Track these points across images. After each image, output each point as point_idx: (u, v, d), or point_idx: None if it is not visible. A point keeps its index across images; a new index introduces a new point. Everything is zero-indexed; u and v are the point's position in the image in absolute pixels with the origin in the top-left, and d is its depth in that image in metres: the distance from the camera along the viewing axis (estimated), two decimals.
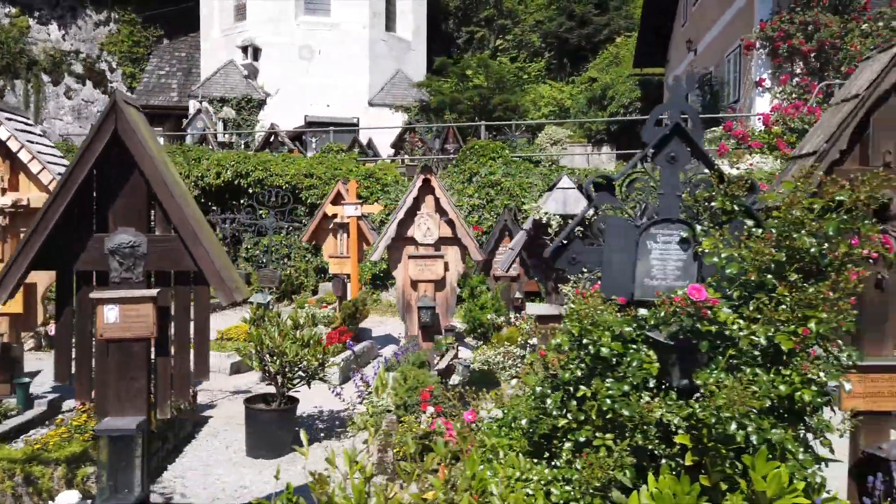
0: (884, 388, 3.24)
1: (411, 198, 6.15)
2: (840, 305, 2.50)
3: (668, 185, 3.01)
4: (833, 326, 2.49)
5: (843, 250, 2.62)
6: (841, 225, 2.55)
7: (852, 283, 2.54)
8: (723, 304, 2.57)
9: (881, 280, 3.29)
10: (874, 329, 3.31)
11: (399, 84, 28.89)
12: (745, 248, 2.61)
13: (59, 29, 33.65)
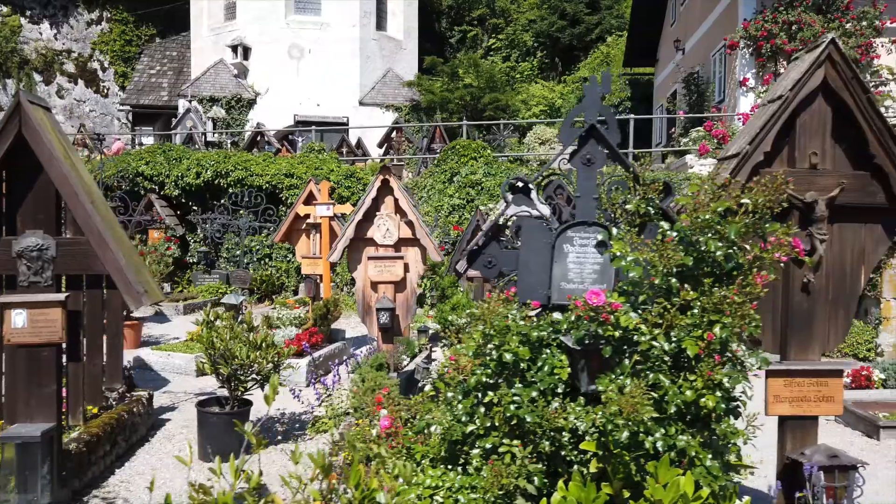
0: (810, 392, 3.20)
1: (370, 198, 6.10)
2: (743, 310, 2.45)
3: (584, 188, 2.97)
4: (736, 332, 2.44)
5: (754, 253, 2.58)
6: (742, 228, 2.51)
7: (758, 287, 2.49)
8: (627, 309, 2.53)
9: (807, 283, 3.24)
10: (801, 333, 3.26)
11: (390, 83, 28.85)
12: (653, 251, 2.57)
13: (50, 28, 33.59)
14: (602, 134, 2.92)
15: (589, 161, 2.95)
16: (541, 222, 2.95)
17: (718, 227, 2.47)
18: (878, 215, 3.28)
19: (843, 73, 3.15)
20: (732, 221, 2.49)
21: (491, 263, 2.94)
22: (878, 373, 8.03)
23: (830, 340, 3.31)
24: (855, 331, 11.01)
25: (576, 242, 2.93)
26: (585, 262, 2.92)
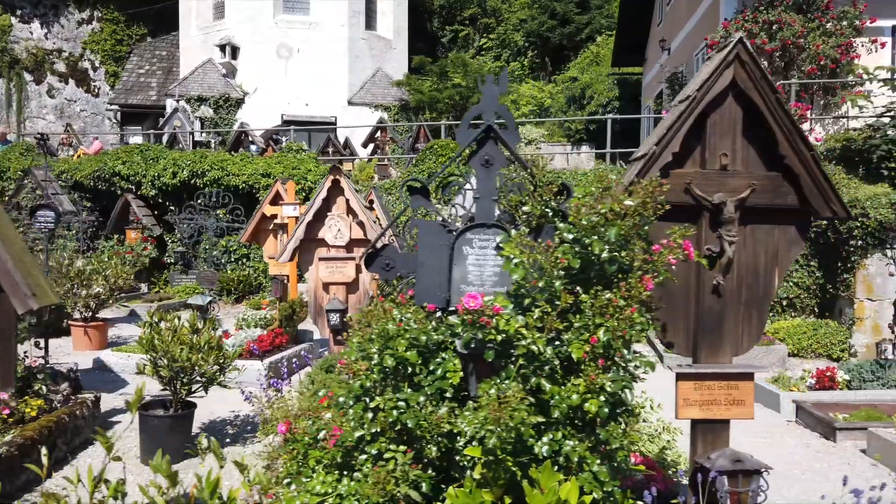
0: (720, 395, 3.15)
1: (320, 199, 6.06)
2: (625, 314, 2.41)
3: (484, 189, 2.93)
4: (619, 335, 2.40)
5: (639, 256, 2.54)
6: (622, 231, 2.46)
7: (641, 289, 2.45)
8: (510, 313, 2.49)
9: (718, 286, 3.20)
10: (712, 335, 3.22)
11: (379, 83, 28.83)
12: (542, 253, 2.53)
13: (41, 27, 33.51)
14: (500, 134, 2.88)
15: (488, 162, 2.90)
16: (439, 224, 2.91)
17: (602, 230, 2.43)
18: (791, 216, 3.24)
19: (752, 72, 3.11)
20: (613, 223, 2.45)
21: (389, 266, 2.90)
22: (843, 374, 8.00)
23: (744, 343, 3.27)
24: (829, 331, 10.99)
25: (475, 244, 2.88)
26: (485, 264, 2.88)
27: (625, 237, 2.47)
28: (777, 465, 6.15)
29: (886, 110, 11.82)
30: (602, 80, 28.12)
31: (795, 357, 10.86)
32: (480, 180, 2.93)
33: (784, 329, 11.21)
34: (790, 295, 11.77)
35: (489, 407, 2.29)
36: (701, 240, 3.21)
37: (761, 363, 10.54)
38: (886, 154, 11.16)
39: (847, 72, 13.81)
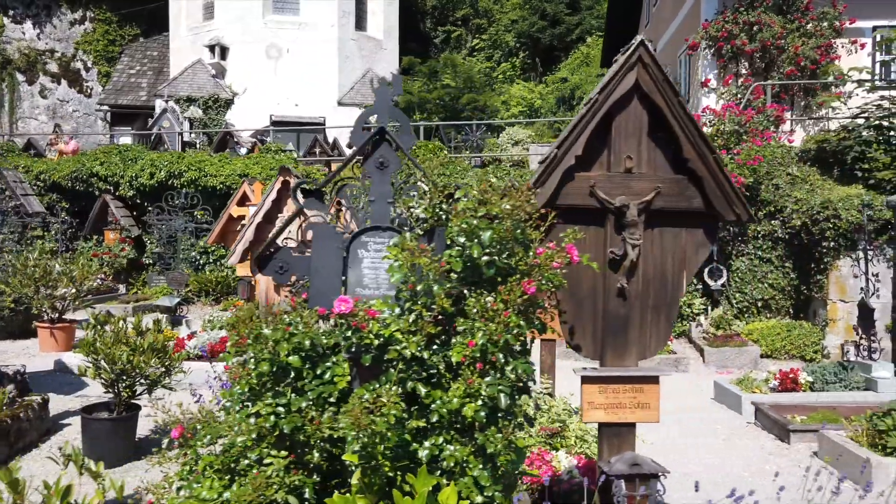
0: (625, 399, 3.14)
1: (269, 200, 6.05)
2: (501, 318, 2.40)
3: (378, 192, 2.92)
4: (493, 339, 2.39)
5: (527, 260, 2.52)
6: (497, 234, 2.45)
7: (517, 292, 2.43)
8: (389, 317, 2.48)
9: (623, 289, 3.19)
10: (617, 339, 3.20)
11: (369, 83, 28.84)
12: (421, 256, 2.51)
13: (33, 28, 33.52)
14: (393, 137, 2.87)
15: (382, 164, 2.89)
16: (333, 227, 2.90)
17: (480, 233, 2.42)
18: (699, 220, 3.22)
19: (655, 75, 3.09)
20: (488, 227, 2.43)
21: (283, 269, 2.89)
22: (806, 376, 7.99)
23: (651, 346, 3.25)
24: (803, 333, 10.98)
25: (370, 248, 2.87)
26: (381, 267, 2.87)
27: (501, 240, 2.45)
28: (728, 466, 6.15)
29: (861, 111, 11.81)
30: (592, 80, 28.13)
31: (769, 358, 10.85)
32: (375, 183, 2.92)
33: (758, 330, 11.21)
34: (765, 296, 11.76)
35: (351, 412, 2.27)
36: (606, 243, 3.19)
37: (734, 364, 10.55)
38: (860, 155, 11.15)
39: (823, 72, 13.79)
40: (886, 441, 5.37)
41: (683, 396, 8.88)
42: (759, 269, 11.77)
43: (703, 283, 11.88)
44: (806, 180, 11.74)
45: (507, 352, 2.41)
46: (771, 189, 11.67)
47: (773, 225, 11.64)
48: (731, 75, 15.14)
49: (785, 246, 11.67)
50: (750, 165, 11.01)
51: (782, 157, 12.00)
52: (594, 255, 3.15)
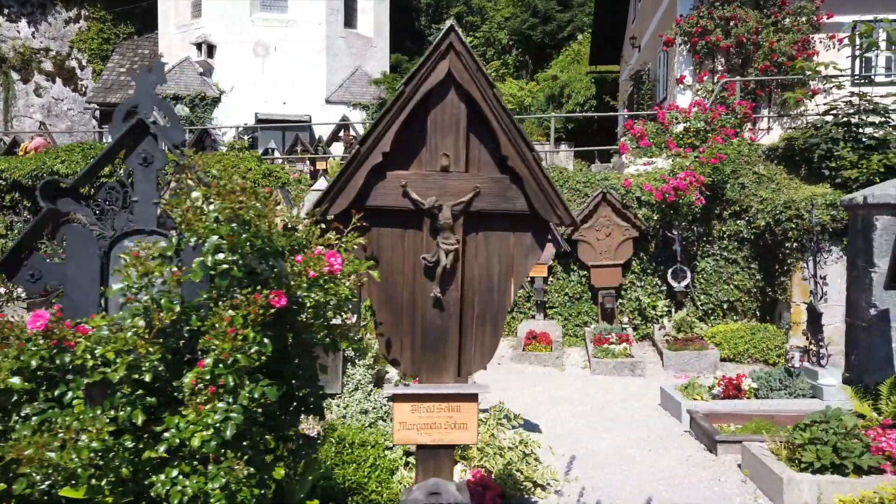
0: (440, 419, 2.88)
1: None
2: (228, 337, 2.14)
3: (143, 191, 2.67)
4: (221, 359, 2.13)
5: (270, 269, 2.26)
6: (225, 240, 2.19)
7: (263, 307, 2.17)
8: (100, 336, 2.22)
9: (439, 299, 2.92)
10: (434, 353, 2.94)
11: (358, 81, 28.67)
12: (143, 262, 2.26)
13: (28, 26, 33.54)
14: (151, 129, 2.62)
15: (146, 160, 2.65)
16: (88, 230, 2.65)
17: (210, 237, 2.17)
18: (527, 222, 2.96)
19: (468, 64, 2.82)
20: (216, 231, 2.17)
21: (34, 277, 2.65)
22: (751, 382, 7.69)
23: (475, 360, 2.99)
24: (767, 336, 10.66)
25: None
26: None
27: (233, 247, 2.19)
28: (645, 478, 5.88)
29: (830, 108, 11.47)
30: (581, 78, 27.81)
31: (731, 362, 10.54)
32: (138, 181, 2.67)
33: (721, 333, 10.89)
34: (731, 298, 11.45)
35: (17, 446, 2.02)
36: (422, 247, 2.93)
37: (694, 368, 10.25)
38: (826, 153, 10.81)
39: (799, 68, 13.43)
40: (801, 456, 5.08)
41: (630, 402, 8.61)
42: (724, 271, 11.47)
43: (667, 285, 11.59)
44: (772, 179, 11.42)
45: (240, 373, 2.15)
46: (737, 188, 11.36)
47: (739, 225, 11.32)
48: (707, 71, 14.81)
49: (751, 246, 11.36)
50: (711, 164, 10.70)
51: (749, 156, 11.68)
52: (413, 262, 2.90)
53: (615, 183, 11.96)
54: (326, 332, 2.57)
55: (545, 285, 12.00)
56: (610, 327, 11.30)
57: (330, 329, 2.56)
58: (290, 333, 2.52)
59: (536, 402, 8.52)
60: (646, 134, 11.88)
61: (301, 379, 2.49)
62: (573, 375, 10.08)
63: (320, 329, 2.54)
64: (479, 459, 5.27)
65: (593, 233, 11.70)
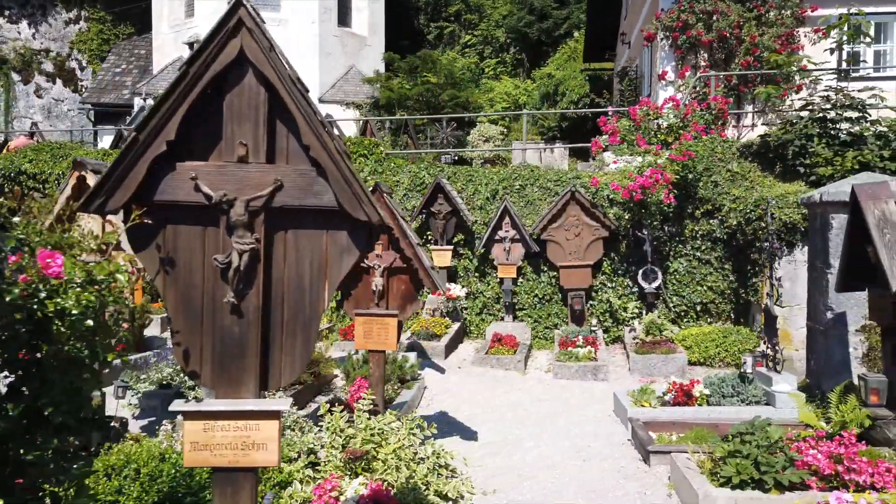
0: (237, 439, 2.58)
1: (63, 198, 5.57)
2: None
3: None
4: None
5: None
6: None
7: None
8: None
9: (237, 306, 2.63)
10: (233, 365, 2.65)
11: (352, 80, 28.51)
12: None
13: (29, 27, 33.71)
14: None
15: None
16: None
17: None
18: (343, 220, 2.65)
19: (261, 42, 2.54)
20: None
21: None
22: (702, 388, 7.34)
23: (285, 372, 2.69)
24: (739, 339, 10.28)
25: None
26: None
27: None
28: (568, 492, 5.55)
29: (805, 104, 11.07)
30: (576, 76, 27.46)
31: (701, 366, 10.18)
32: None
33: (692, 336, 10.52)
34: (705, 300, 11.07)
35: None
36: (219, 247, 2.65)
37: (661, 372, 9.89)
38: (800, 150, 10.42)
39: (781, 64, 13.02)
40: (720, 470, 4.75)
41: (585, 408, 8.28)
42: (697, 271, 11.09)
43: (638, 286, 11.23)
44: (746, 177, 11.03)
45: None
46: (709, 186, 10.99)
47: (712, 224, 10.95)
48: (688, 67, 14.44)
49: (724, 246, 10.98)
50: (680, 161, 10.34)
51: (723, 153, 11.30)
52: (213, 264, 2.61)
53: (585, 181, 11.62)
54: (85, 344, 2.29)
55: (514, 286, 11.67)
56: (578, 330, 10.96)
57: (87, 339, 2.28)
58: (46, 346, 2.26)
59: (486, 408, 8.22)
60: (618, 131, 11.53)
61: (47, 396, 2.22)
62: (534, 379, 9.76)
63: (76, 339, 2.27)
64: (381, 472, 4.98)
65: (562, 233, 11.36)
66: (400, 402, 7.40)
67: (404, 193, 12.52)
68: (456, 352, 10.99)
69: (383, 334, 5.60)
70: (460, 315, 11.83)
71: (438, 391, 8.76)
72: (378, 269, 5.59)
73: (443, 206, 11.86)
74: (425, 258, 5.45)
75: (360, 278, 5.69)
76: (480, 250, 11.81)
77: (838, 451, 4.75)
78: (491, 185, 12.22)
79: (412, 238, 5.45)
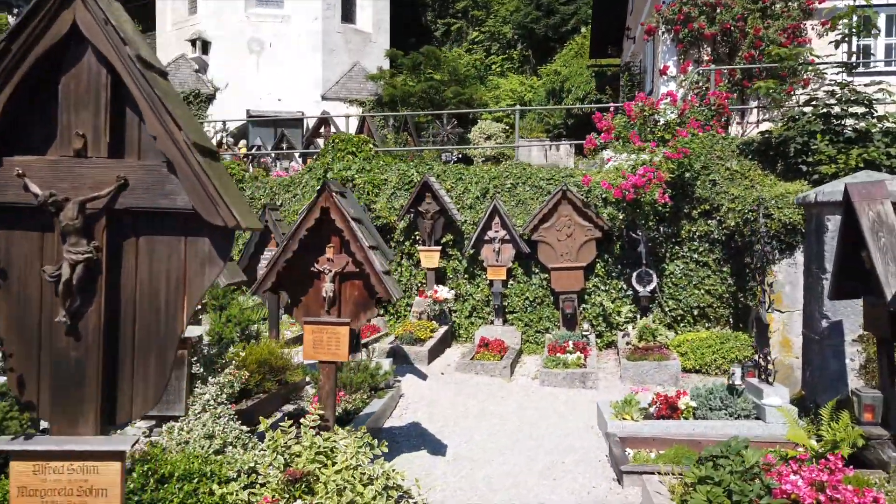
0: (73, 483, 2.19)
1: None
2: None
3: None
4: None
5: None
6: None
7: None
8: None
9: (73, 325, 2.24)
10: (71, 395, 2.26)
11: (356, 77, 28.23)
12: None
13: None
14: None
15: None
16: None
17: None
18: (201, 225, 2.26)
19: (96, 13, 2.15)
20: None
21: None
22: (689, 400, 6.88)
23: (136, 402, 2.30)
24: (737, 345, 9.80)
25: None
26: None
27: None
28: None
29: (809, 99, 10.54)
30: (582, 72, 26.95)
31: (696, 373, 9.71)
32: None
33: (688, 342, 10.04)
34: (702, 304, 10.58)
35: None
36: (54, 255, 2.26)
37: (653, 380, 9.43)
38: (802, 147, 9.89)
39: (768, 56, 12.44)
40: (689, 497, 4.30)
41: (567, 419, 7.85)
42: (695, 274, 10.60)
43: (633, 290, 10.76)
44: (746, 176, 10.52)
45: None
46: (707, 185, 10.49)
47: (710, 225, 10.45)
48: (690, 61, 13.92)
49: (722, 248, 10.48)
50: (676, 159, 9.85)
51: (721, 151, 10.80)
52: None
53: (578, 180, 11.17)
54: None
55: (504, 289, 11.24)
56: (569, 334, 10.50)
57: None
58: None
59: (462, 418, 7.81)
60: (612, 128, 11.04)
61: None
62: (519, 387, 9.32)
63: None
64: (322, 495, 4.58)
65: (553, 233, 10.91)
66: (368, 412, 7.01)
67: (392, 192, 12.12)
68: (441, 356, 10.58)
69: (334, 344, 5.20)
70: (448, 318, 11.41)
71: (415, 399, 8.36)
72: (329, 273, 5.19)
73: (430, 205, 11.45)
74: (377, 262, 5.04)
75: (310, 284, 5.30)
76: (470, 251, 11.39)
77: (821, 478, 4.29)
78: (481, 184, 11.79)
79: (363, 241, 5.05)
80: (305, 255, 5.25)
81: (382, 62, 28.63)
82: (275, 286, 5.29)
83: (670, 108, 10.92)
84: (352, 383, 7.36)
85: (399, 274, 11.98)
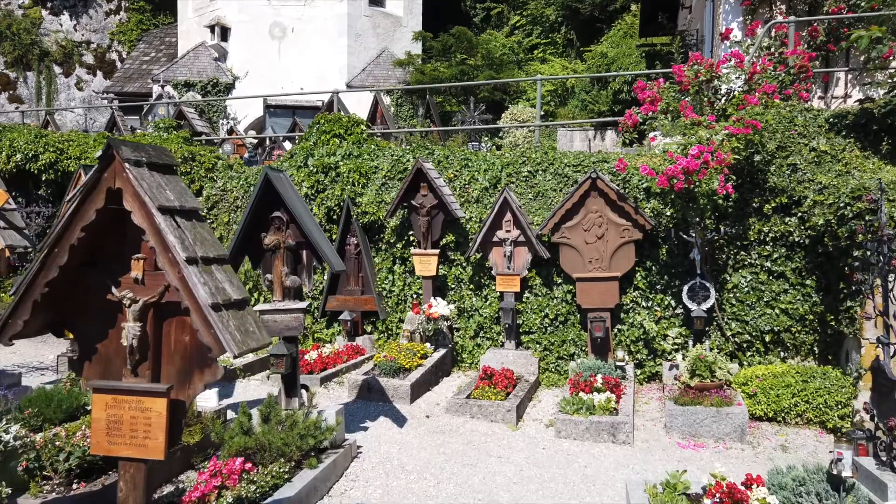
0: None
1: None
2: None
3: None
4: None
5: None
6: None
7: None
8: None
9: None
10: None
11: (383, 64, 26.26)
12: None
13: (70, 19, 33.06)
14: None
15: None
16: None
17: None
18: None
19: None
20: None
21: None
22: (765, 492, 4.41)
23: None
24: (825, 385, 7.21)
25: None
26: None
27: None
28: None
29: None
30: (631, 53, 24.22)
31: (770, 422, 7.23)
32: None
33: (757, 379, 7.49)
34: (777, 327, 8.00)
35: None
36: None
37: (710, 433, 6.96)
38: None
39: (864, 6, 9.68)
40: None
41: (583, 499, 5.46)
42: (766, 288, 8.02)
43: (683, 307, 8.27)
44: (838, 158, 7.89)
45: None
46: (785, 171, 7.91)
47: (789, 224, 7.87)
48: (759, 22, 11.23)
49: (805, 255, 7.88)
50: (742, 135, 7.31)
51: (804, 126, 8.18)
52: None
53: (612, 166, 8.71)
54: None
55: (517, 303, 8.87)
56: (599, 365, 8.07)
57: None
58: None
59: (429, 498, 5.50)
60: (658, 98, 8.54)
61: None
62: (527, 439, 6.94)
63: None
64: None
65: (580, 233, 8.49)
66: (280, 497, 4.75)
67: (382, 182, 9.87)
68: (432, 391, 8.28)
69: (142, 428, 2.95)
70: (447, 339, 9.11)
71: (373, 464, 6.07)
72: (133, 306, 2.94)
73: (426, 197, 9.17)
74: (201, 287, 2.77)
75: (111, 322, 3.06)
76: (475, 255, 9.07)
77: None
78: (491, 172, 9.42)
79: (178, 253, 2.78)
80: (94, 273, 3.01)
81: (412, 47, 26.55)
82: (47, 325, 3.06)
83: (735, 72, 8.35)
84: (268, 448, 5.09)
85: (391, 283, 9.72)
